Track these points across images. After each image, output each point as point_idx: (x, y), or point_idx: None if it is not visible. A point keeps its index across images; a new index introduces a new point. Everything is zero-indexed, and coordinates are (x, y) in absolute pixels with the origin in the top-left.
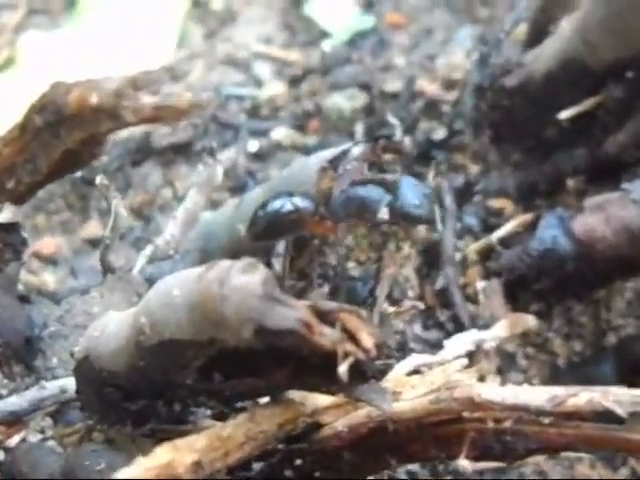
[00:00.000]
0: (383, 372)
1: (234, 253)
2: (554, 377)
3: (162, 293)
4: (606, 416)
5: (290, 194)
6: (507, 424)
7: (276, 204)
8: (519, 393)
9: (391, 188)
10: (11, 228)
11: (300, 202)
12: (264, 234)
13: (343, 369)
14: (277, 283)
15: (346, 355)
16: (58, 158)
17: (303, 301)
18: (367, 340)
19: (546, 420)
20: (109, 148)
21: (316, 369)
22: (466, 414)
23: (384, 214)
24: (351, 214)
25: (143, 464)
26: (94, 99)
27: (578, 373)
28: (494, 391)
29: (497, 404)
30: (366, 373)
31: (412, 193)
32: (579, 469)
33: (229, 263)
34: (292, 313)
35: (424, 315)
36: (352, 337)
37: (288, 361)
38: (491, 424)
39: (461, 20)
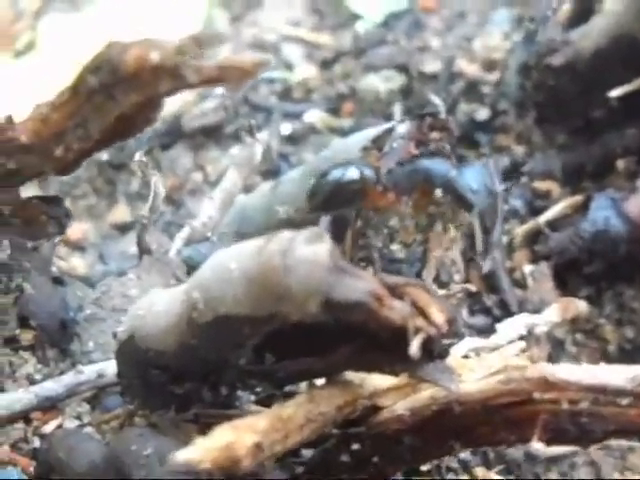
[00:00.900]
0: (447, 351)
1: None
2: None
3: (218, 267)
4: None
5: (352, 163)
6: (583, 405)
7: (339, 172)
8: (596, 373)
9: (457, 165)
10: (54, 201)
11: (364, 170)
12: (325, 204)
13: (415, 345)
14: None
15: (417, 330)
16: (111, 123)
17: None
18: (438, 315)
19: (624, 401)
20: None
21: (382, 346)
22: (537, 395)
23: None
24: (416, 186)
25: (202, 445)
26: (155, 57)
27: (630, 360)
28: (569, 370)
29: (573, 384)
30: (433, 351)
31: (475, 178)
32: (631, 459)
33: (292, 234)
34: (362, 285)
35: (470, 300)
36: (422, 312)
37: (352, 337)
38: (566, 405)
39: (494, 3)
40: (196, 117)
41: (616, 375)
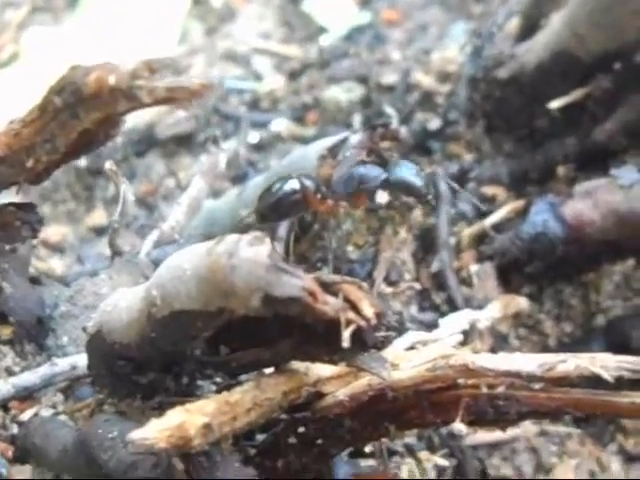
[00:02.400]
0: (383, 343)
1: None
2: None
3: (173, 267)
4: (593, 381)
5: (293, 177)
6: (500, 390)
7: (281, 185)
8: (511, 360)
9: (388, 167)
10: (28, 207)
11: (304, 181)
12: (271, 214)
13: (345, 336)
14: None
15: (348, 323)
16: (76, 138)
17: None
18: (368, 309)
19: (537, 386)
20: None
21: (319, 338)
22: (461, 381)
23: (382, 198)
24: (351, 191)
25: (156, 425)
26: (112, 80)
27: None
28: (488, 359)
29: (491, 370)
30: (367, 342)
31: (407, 169)
32: (569, 445)
33: (237, 237)
34: (297, 282)
35: (420, 297)
36: (354, 306)
37: (293, 330)
38: (485, 390)
39: (455, 16)
40: (169, 126)
41: (528, 362)
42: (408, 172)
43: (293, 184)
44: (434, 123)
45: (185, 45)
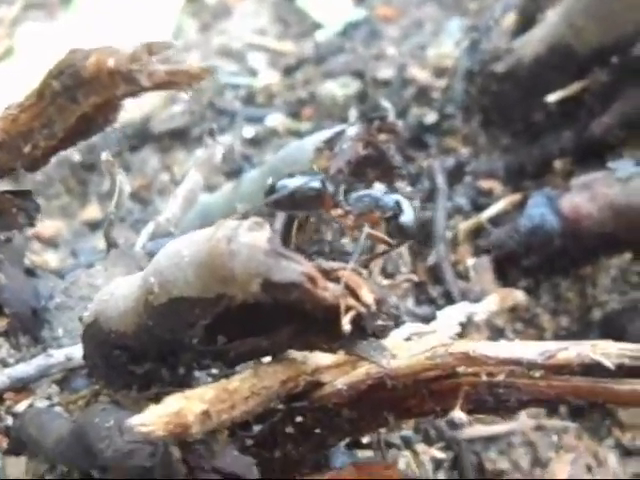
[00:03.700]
0: (382, 331)
1: None
2: None
3: (171, 253)
4: (594, 368)
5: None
6: (500, 378)
7: (304, 179)
8: (512, 348)
9: (400, 204)
10: (25, 194)
11: (326, 182)
12: (285, 203)
13: (345, 321)
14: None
15: (348, 309)
16: (74, 123)
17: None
18: (367, 296)
19: (537, 373)
20: (108, 133)
21: (319, 325)
22: (461, 369)
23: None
24: (363, 209)
25: (155, 411)
26: (111, 63)
27: None
28: (488, 346)
29: (491, 358)
30: (366, 330)
31: (411, 212)
32: (566, 439)
33: (236, 222)
34: (297, 267)
35: (417, 290)
36: (353, 293)
37: (292, 317)
38: (485, 378)
39: (450, 13)
40: (164, 121)
41: (529, 350)
42: (411, 216)
43: (316, 180)
44: (430, 117)
45: (180, 41)
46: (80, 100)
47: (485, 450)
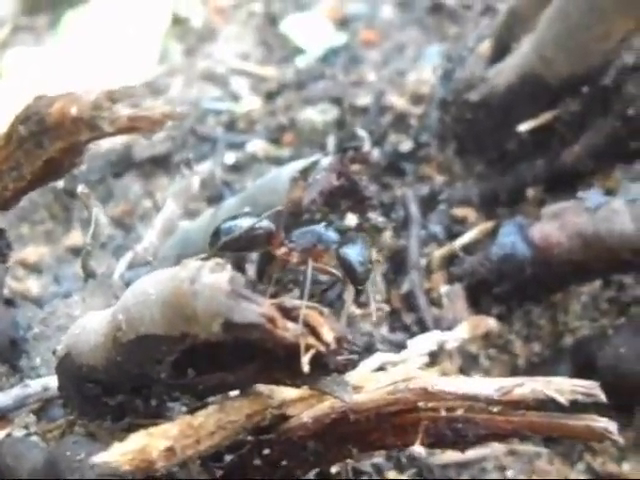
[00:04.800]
0: (346, 366)
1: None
2: (514, 377)
3: (138, 292)
4: (549, 404)
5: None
6: (459, 412)
7: (250, 220)
8: (470, 384)
9: (344, 239)
10: None
11: (271, 221)
12: (233, 246)
13: (305, 361)
14: (247, 284)
15: (308, 348)
16: (41, 166)
17: (268, 299)
18: (327, 334)
19: (495, 409)
20: (91, 160)
21: (281, 362)
22: (421, 404)
23: (351, 220)
24: (307, 245)
25: (119, 449)
26: (74, 111)
27: (537, 373)
28: (447, 382)
29: (449, 394)
30: (328, 366)
31: (356, 251)
32: (538, 464)
33: (200, 263)
34: (257, 308)
35: (390, 318)
36: (314, 331)
37: (255, 355)
38: (444, 413)
39: (431, 37)
40: (146, 147)
41: (486, 386)
42: (355, 254)
43: (262, 221)
44: (406, 145)
45: (164, 65)
46: (46, 145)
47: (458, 475)
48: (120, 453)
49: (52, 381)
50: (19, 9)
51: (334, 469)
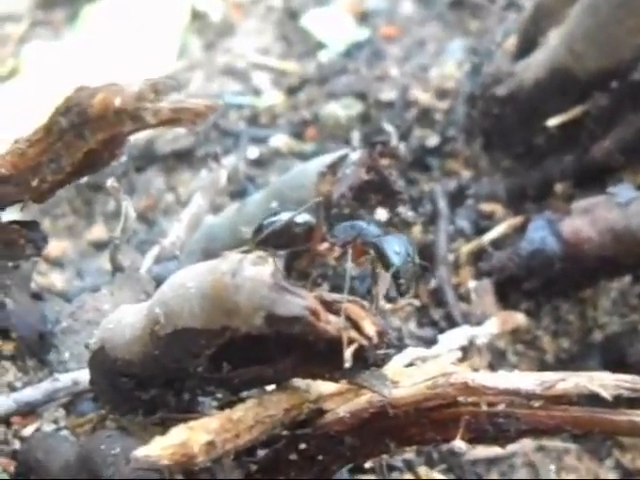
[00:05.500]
0: (384, 360)
1: None
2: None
3: (176, 285)
4: (592, 399)
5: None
6: (500, 408)
7: (290, 214)
8: (511, 378)
9: (386, 232)
10: (32, 225)
11: (312, 217)
12: (271, 240)
13: (347, 354)
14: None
15: (350, 342)
16: (81, 158)
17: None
18: (369, 328)
19: (536, 404)
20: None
21: (321, 356)
22: (461, 399)
23: (381, 215)
24: (348, 240)
25: (159, 443)
26: (117, 102)
27: (566, 369)
28: (487, 377)
29: (490, 389)
30: (368, 360)
31: (398, 244)
32: (566, 460)
33: (241, 256)
34: (300, 301)
35: (419, 313)
36: (355, 325)
37: (295, 348)
38: (485, 408)
39: (452, 32)
40: (168, 141)
41: (528, 380)
42: (391, 245)
43: (303, 216)
44: (432, 140)
45: (184, 60)
46: (87, 137)
47: (487, 472)
48: (161, 447)
49: (82, 375)
50: (36, 3)
51: (367, 464)
